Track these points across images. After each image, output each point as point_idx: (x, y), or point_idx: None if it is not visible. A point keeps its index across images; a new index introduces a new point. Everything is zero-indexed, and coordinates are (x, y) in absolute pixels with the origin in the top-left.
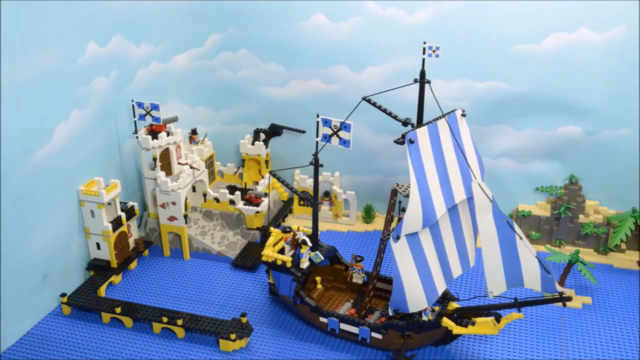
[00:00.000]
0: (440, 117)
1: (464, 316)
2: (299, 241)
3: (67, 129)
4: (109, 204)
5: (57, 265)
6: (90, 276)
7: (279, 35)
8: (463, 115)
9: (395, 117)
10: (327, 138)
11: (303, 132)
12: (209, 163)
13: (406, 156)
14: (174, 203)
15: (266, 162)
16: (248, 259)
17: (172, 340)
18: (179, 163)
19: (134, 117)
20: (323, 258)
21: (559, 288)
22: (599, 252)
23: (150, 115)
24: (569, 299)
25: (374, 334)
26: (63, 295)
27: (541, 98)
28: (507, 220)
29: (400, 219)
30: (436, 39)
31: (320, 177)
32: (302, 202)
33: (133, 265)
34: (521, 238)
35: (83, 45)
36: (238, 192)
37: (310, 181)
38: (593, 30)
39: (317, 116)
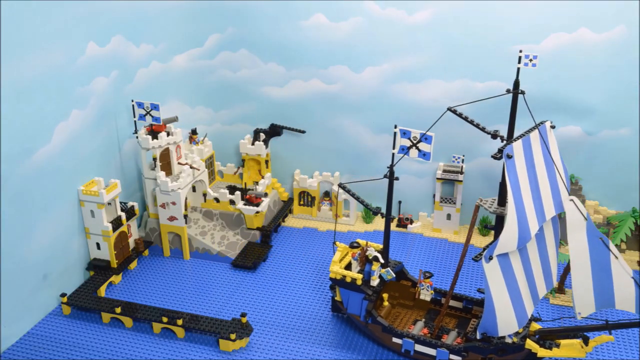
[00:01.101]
0: (532, 129)
1: (548, 338)
2: (370, 257)
3: (67, 129)
4: (109, 204)
5: (57, 265)
6: (90, 276)
7: (279, 35)
8: (552, 127)
9: (483, 129)
10: (405, 150)
11: (303, 132)
12: (209, 163)
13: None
14: (174, 203)
15: (266, 162)
16: (248, 259)
17: (172, 340)
18: (179, 163)
19: (134, 117)
20: (394, 275)
21: None
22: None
23: (150, 115)
24: None
25: (453, 357)
26: (63, 295)
27: (541, 98)
28: (602, 238)
29: (400, 219)
30: (436, 39)
31: (320, 177)
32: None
33: (133, 265)
34: (617, 257)
35: (83, 45)
36: (238, 192)
37: (311, 181)
38: (593, 30)
39: (395, 127)
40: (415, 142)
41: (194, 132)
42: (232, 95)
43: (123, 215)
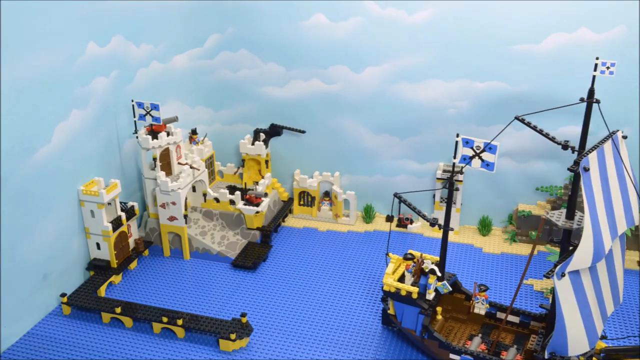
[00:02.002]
0: (605, 140)
1: (614, 357)
2: (426, 270)
3: (67, 129)
4: (109, 204)
5: (57, 265)
6: (90, 276)
7: (279, 35)
8: (624, 137)
9: (552, 139)
10: (467, 160)
11: (303, 132)
12: (209, 163)
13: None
14: (174, 203)
15: (266, 162)
16: (248, 259)
17: (172, 340)
18: (179, 163)
19: (134, 117)
20: (451, 289)
21: None
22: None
23: (150, 115)
24: None
25: None
26: (63, 295)
27: (541, 98)
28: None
29: (401, 219)
30: (436, 39)
31: (320, 177)
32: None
33: (133, 265)
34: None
35: (83, 45)
36: (238, 192)
37: (311, 181)
38: (593, 30)
39: (457, 135)
40: (478, 151)
41: (194, 132)
42: (232, 95)
43: (123, 215)
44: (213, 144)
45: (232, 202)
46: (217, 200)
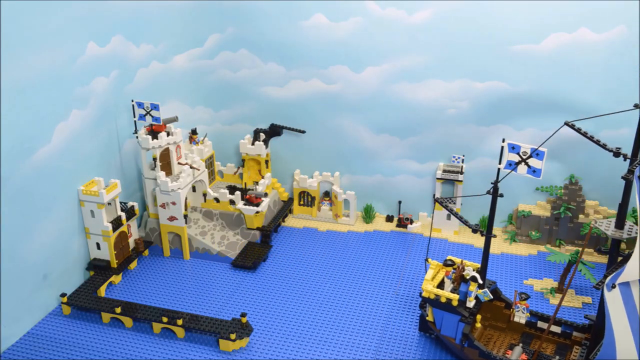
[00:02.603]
0: None
1: None
2: (468, 277)
3: (67, 129)
4: (109, 204)
5: (57, 265)
6: (90, 276)
7: (279, 35)
8: None
9: (604, 147)
10: (512, 166)
11: (303, 132)
12: (209, 163)
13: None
14: (174, 203)
15: (266, 162)
16: (248, 259)
17: (172, 340)
18: (179, 163)
19: (134, 117)
20: (492, 297)
21: None
22: (599, 252)
23: (150, 115)
24: None
25: None
26: (63, 295)
27: (541, 98)
28: None
29: (401, 219)
30: (436, 39)
31: (320, 177)
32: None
33: (133, 265)
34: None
35: (83, 45)
36: (238, 192)
37: (311, 181)
38: (593, 30)
39: (503, 140)
40: (525, 157)
41: (194, 132)
42: (232, 95)
43: (123, 215)
44: (213, 144)
45: (232, 202)
46: (217, 200)
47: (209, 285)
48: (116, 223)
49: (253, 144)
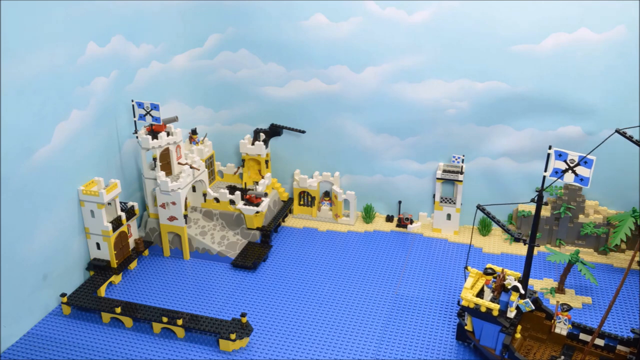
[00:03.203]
0: None
1: None
2: (509, 287)
3: (67, 129)
4: (109, 204)
5: (57, 265)
6: (90, 276)
7: (279, 35)
8: None
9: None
10: (559, 173)
11: (303, 132)
12: (209, 163)
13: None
14: (174, 203)
15: (266, 162)
16: (248, 259)
17: (172, 340)
18: (179, 163)
19: (134, 117)
20: (534, 307)
21: None
22: (599, 252)
23: (150, 115)
24: None
25: None
26: (63, 295)
27: (541, 98)
28: None
29: (401, 218)
30: (436, 39)
31: (320, 177)
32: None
33: (133, 265)
34: None
35: (83, 45)
36: (238, 192)
37: (311, 181)
38: (593, 30)
39: (550, 147)
40: (572, 165)
41: (194, 132)
42: (232, 95)
43: (123, 215)
44: (213, 144)
45: (232, 202)
46: (217, 200)
47: (209, 285)
48: (116, 223)
49: (253, 144)
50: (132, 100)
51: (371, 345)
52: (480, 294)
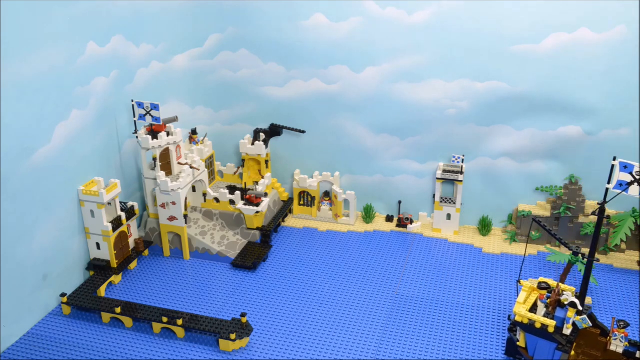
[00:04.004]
0: None
1: None
2: (566, 303)
3: (67, 129)
4: (109, 204)
5: (57, 265)
6: (90, 276)
7: (279, 35)
8: None
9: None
10: (623, 186)
11: (303, 132)
12: (209, 163)
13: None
14: (174, 203)
15: (266, 162)
16: (248, 259)
17: (172, 340)
18: (179, 163)
19: (134, 117)
20: (591, 324)
21: None
22: (599, 252)
23: (150, 115)
24: None
25: None
26: (63, 295)
27: (541, 98)
28: None
29: (401, 218)
30: (436, 39)
31: (320, 177)
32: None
33: (133, 265)
34: None
35: (83, 45)
36: (238, 192)
37: (311, 181)
38: (593, 30)
39: (614, 159)
40: (638, 177)
41: (194, 132)
42: (232, 95)
43: (123, 215)
44: (213, 144)
45: (232, 202)
46: (217, 200)
47: (209, 285)
48: (116, 223)
49: (253, 144)
50: (132, 100)
51: (371, 345)
52: (533, 309)
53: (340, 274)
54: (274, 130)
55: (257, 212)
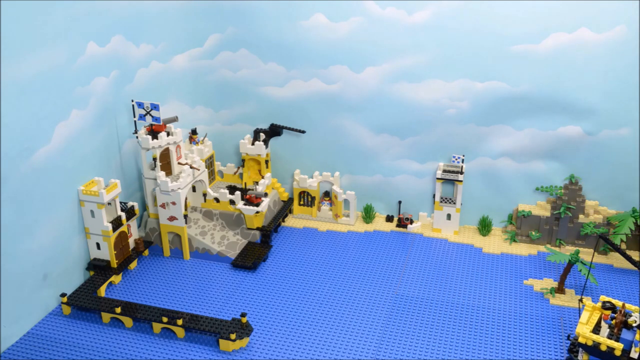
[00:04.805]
0: None
1: None
2: (634, 325)
3: (67, 129)
4: (109, 204)
5: (57, 265)
6: (90, 276)
7: (279, 35)
8: None
9: None
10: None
11: (303, 132)
12: (209, 163)
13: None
14: (174, 203)
15: (266, 162)
16: (248, 259)
17: (172, 340)
18: (179, 163)
19: (134, 117)
20: None
21: None
22: (599, 252)
23: (150, 115)
24: None
25: None
26: (63, 295)
27: (541, 98)
28: None
29: (401, 218)
30: (436, 39)
31: (320, 177)
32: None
33: (133, 265)
34: None
35: (83, 45)
36: (238, 192)
37: (311, 181)
38: (593, 30)
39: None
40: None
41: (194, 132)
42: (232, 95)
43: (123, 215)
44: (213, 144)
45: (232, 202)
46: (217, 200)
47: (209, 285)
48: (116, 223)
49: (253, 144)
50: (132, 100)
51: (371, 345)
52: (596, 329)
53: (340, 274)
54: (274, 130)
55: (257, 212)
